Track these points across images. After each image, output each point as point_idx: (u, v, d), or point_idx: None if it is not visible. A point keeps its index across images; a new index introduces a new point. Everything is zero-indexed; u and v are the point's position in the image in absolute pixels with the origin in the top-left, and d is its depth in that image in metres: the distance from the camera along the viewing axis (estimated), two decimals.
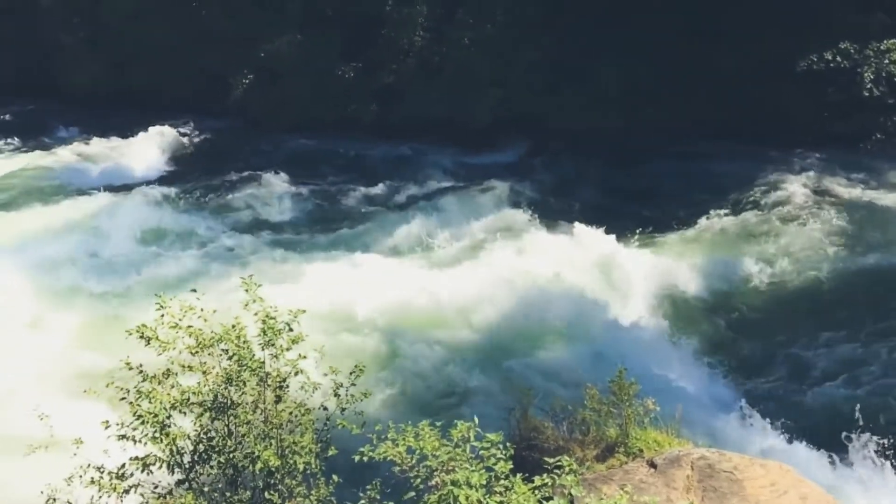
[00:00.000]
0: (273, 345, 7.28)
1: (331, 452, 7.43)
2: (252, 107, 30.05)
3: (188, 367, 7.28)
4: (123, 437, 7.07)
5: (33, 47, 34.34)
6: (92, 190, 24.89)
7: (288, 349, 7.35)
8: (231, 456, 7.11)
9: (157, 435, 6.96)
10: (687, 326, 16.60)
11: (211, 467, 7.22)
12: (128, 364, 7.23)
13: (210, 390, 7.19)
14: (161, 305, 7.34)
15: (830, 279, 18.23)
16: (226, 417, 7.17)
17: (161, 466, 7.12)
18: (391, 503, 6.73)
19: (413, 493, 6.16)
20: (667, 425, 9.88)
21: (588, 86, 26.39)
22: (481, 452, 6.20)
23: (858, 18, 24.67)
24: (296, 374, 7.44)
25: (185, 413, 7.16)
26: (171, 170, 27.53)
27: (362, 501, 6.96)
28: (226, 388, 7.19)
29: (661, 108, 25.47)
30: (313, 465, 7.22)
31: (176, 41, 31.14)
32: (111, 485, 7.02)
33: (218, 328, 7.34)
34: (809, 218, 20.74)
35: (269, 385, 7.32)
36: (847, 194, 22.14)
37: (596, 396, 9.95)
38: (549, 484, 6.04)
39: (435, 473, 6.15)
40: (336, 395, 7.45)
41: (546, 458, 6.33)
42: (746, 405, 13.26)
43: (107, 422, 7.16)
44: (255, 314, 7.40)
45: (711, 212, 21.46)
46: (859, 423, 12.35)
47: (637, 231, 20.51)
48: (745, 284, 18.30)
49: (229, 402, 7.18)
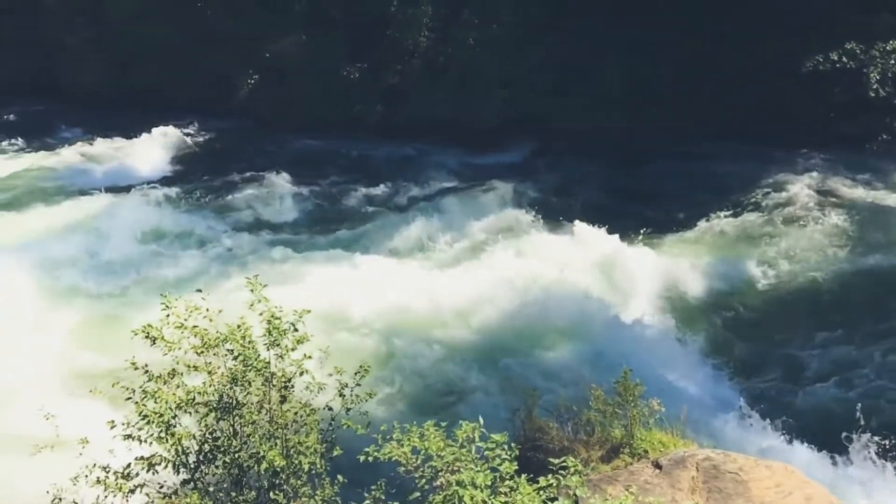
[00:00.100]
0: (278, 345, 7.28)
1: (336, 452, 7.43)
2: (260, 107, 30.02)
3: (193, 367, 7.29)
4: (129, 436, 7.08)
5: (36, 47, 34.25)
6: (95, 190, 24.86)
7: (293, 349, 7.34)
8: (236, 456, 7.11)
9: (162, 435, 6.97)
10: (690, 327, 16.58)
11: (216, 467, 7.22)
12: (133, 364, 7.24)
13: (215, 390, 7.20)
14: (167, 305, 7.35)
15: (833, 280, 18.21)
16: (231, 417, 7.17)
17: (166, 466, 7.12)
18: (396, 503, 6.73)
19: (418, 494, 6.14)
20: (672, 426, 9.88)
21: (592, 86, 26.36)
22: (486, 453, 6.19)
23: (863, 18, 24.59)
24: (301, 374, 7.44)
25: (190, 413, 7.17)
26: (175, 170, 27.49)
27: (367, 501, 6.96)
28: (231, 388, 7.19)
29: (665, 108, 25.45)
30: (318, 466, 7.21)
31: (179, 41, 31.08)
32: (117, 484, 7.05)
33: (223, 328, 7.35)
34: (813, 219, 20.71)
35: (274, 385, 7.32)
36: (852, 195, 22.07)
37: (601, 397, 9.95)
38: (554, 485, 6.05)
39: (440, 474, 6.14)
40: (341, 396, 7.45)
41: (551, 459, 6.34)
42: (748, 406, 13.27)
43: (112, 422, 7.19)
44: (261, 314, 7.40)
45: (715, 212, 21.43)
46: (860, 424, 12.37)
47: (640, 231, 20.46)
48: (748, 285, 18.28)
49: (234, 402, 7.18)
